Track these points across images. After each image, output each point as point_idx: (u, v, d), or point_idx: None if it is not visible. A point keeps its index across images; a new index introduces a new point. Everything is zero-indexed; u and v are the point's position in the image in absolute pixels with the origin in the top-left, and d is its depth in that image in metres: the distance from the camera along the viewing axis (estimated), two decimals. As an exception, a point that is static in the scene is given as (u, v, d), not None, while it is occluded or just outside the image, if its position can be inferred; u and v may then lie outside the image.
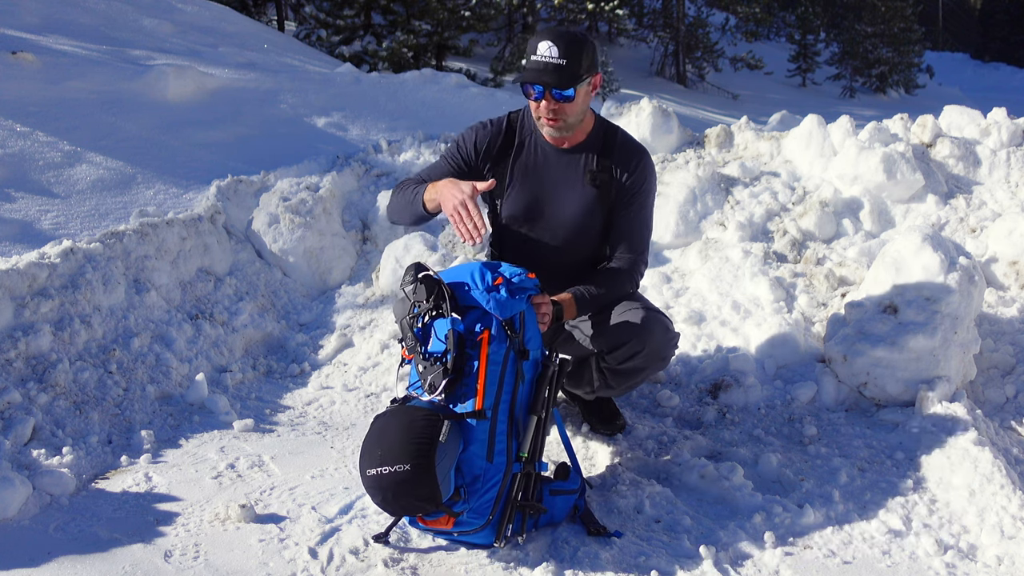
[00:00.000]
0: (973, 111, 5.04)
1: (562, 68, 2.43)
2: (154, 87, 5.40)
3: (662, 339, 2.66)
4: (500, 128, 2.71)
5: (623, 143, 2.70)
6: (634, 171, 2.66)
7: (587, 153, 2.67)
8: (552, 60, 2.43)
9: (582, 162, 2.67)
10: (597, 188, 2.66)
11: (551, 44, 2.44)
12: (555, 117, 2.52)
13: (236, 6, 13.12)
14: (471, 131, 2.75)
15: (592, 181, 2.65)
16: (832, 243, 4.13)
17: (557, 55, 2.43)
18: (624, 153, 2.68)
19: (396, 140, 5.52)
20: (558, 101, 2.49)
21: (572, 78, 2.45)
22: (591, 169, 2.66)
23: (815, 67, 22.93)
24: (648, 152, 2.75)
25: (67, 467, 2.66)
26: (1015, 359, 3.33)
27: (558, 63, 2.43)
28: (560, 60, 2.43)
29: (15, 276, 3.11)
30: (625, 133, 2.74)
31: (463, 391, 2.23)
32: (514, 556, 2.27)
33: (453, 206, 2.43)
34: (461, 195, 2.42)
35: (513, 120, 2.73)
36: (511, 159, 2.70)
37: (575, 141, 2.67)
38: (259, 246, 4.28)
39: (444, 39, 14.97)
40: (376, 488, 2.11)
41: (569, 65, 2.44)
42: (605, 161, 2.66)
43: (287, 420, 3.25)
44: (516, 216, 2.73)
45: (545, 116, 2.53)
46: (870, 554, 2.34)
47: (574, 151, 2.68)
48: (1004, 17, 32.95)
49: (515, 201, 2.72)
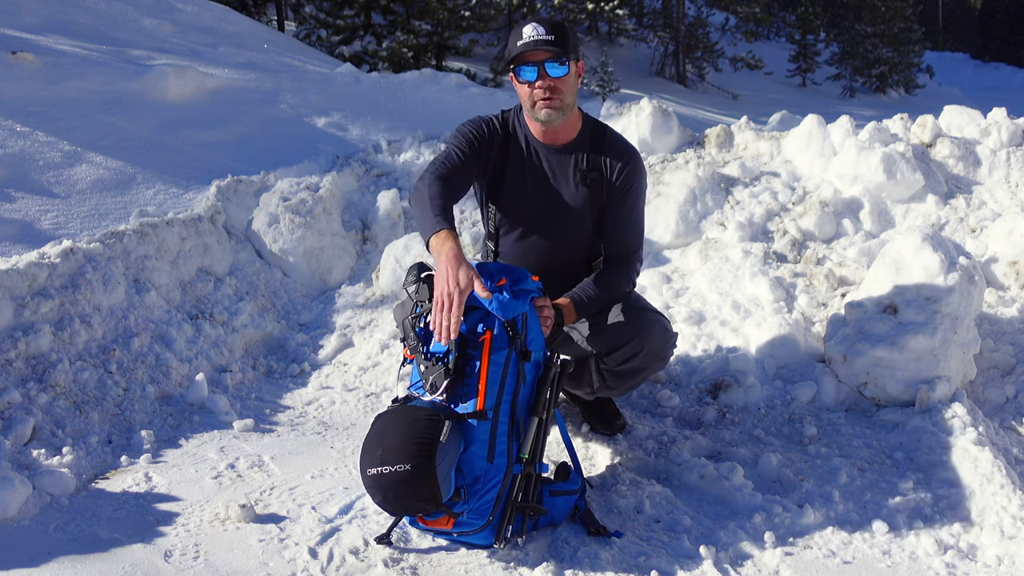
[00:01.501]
0: (973, 111, 5.04)
1: (552, 42, 2.45)
2: (154, 87, 5.40)
3: (661, 339, 2.66)
4: (495, 126, 2.70)
5: (613, 142, 2.69)
6: (624, 170, 2.65)
7: (577, 152, 2.67)
8: (542, 37, 2.45)
9: (573, 161, 2.67)
10: (588, 187, 2.66)
11: (536, 25, 2.47)
12: (551, 95, 2.51)
13: (236, 6, 13.13)
14: (476, 123, 2.69)
15: (583, 180, 2.65)
16: (832, 243, 4.13)
17: (544, 32, 2.46)
18: (614, 152, 2.67)
19: (396, 140, 5.52)
20: (553, 78, 2.49)
21: (565, 52, 2.47)
22: (582, 168, 2.66)
23: (815, 67, 22.94)
24: (637, 150, 2.74)
25: (67, 467, 2.66)
26: (1015, 359, 3.33)
27: (547, 38, 2.45)
28: (549, 36, 2.46)
29: (15, 276, 3.11)
30: (614, 132, 2.74)
31: (464, 391, 2.23)
32: (514, 556, 2.27)
33: (446, 291, 2.17)
34: (457, 286, 2.16)
35: (506, 119, 2.73)
36: (506, 158, 2.69)
37: (566, 139, 2.67)
38: (259, 246, 4.28)
39: (444, 39, 14.97)
40: (376, 487, 2.11)
41: (558, 40, 2.46)
42: (595, 160, 2.66)
43: (287, 420, 3.25)
44: (510, 216, 2.73)
45: (541, 97, 2.52)
46: (870, 554, 2.34)
47: (564, 150, 2.67)
48: (1004, 17, 32.97)
49: (509, 201, 2.72)
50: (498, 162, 2.69)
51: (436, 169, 2.49)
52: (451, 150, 2.59)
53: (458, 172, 2.53)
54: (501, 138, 2.69)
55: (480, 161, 2.64)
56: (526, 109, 2.60)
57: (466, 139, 2.62)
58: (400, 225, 4.59)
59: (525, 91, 2.55)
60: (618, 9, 17.15)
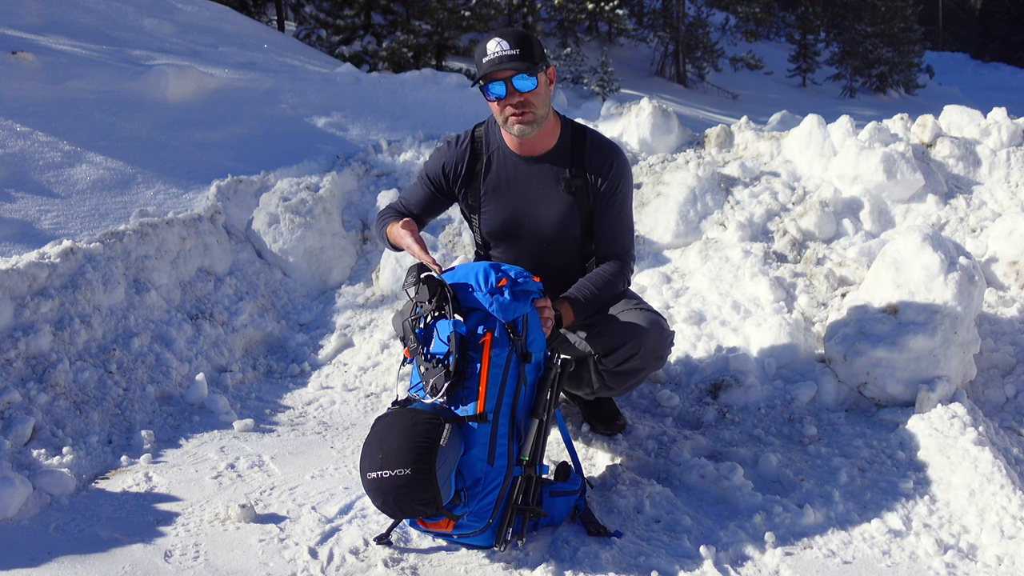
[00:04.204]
0: (973, 111, 5.04)
1: (516, 56, 2.42)
2: (154, 87, 5.40)
3: (658, 339, 2.66)
4: (465, 147, 2.69)
5: (594, 145, 2.67)
6: (608, 173, 2.63)
7: (559, 160, 2.64)
8: (505, 52, 2.42)
9: (555, 170, 2.64)
10: (574, 195, 2.64)
11: (499, 40, 2.44)
12: (522, 111, 2.49)
13: (236, 6, 13.14)
14: (438, 153, 2.74)
15: (568, 188, 2.64)
16: (832, 243, 4.13)
17: (508, 47, 2.43)
18: (597, 156, 2.65)
19: (396, 140, 5.52)
20: (522, 93, 2.46)
21: (530, 65, 2.44)
22: (565, 177, 2.63)
23: (815, 67, 22.97)
24: (620, 149, 2.71)
25: (67, 467, 2.66)
26: (1015, 359, 3.33)
27: (512, 53, 2.42)
28: (513, 50, 2.43)
29: (15, 276, 3.11)
30: (595, 133, 2.72)
31: (465, 394, 2.22)
32: (514, 556, 2.27)
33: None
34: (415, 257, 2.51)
35: (478, 136, 2.71)
36: (481, 177, 2.68)
37: (544, 148, 2.64)
38: (259, 246, 4.28)
39: (444, 39, 14.97)
40: (376, 492, 2.11)
41: (523, 54, 2.43)
42: (578, 167, 2.63)
43: (287, 420, 3.25)
44: (495, 232, 2.73)
45: (512, 114, 2.50)
46: (870, 554, 2.34)
47: (544, 159, 2.65)
48: (1004, 17, 32.98)
49: (492, 218, 2.70)
50: (474, 182, 2.69)
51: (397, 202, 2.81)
52: (416, 186, 2.81)
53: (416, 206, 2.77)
54: (473, 156, 2.68)
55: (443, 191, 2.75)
56: (500, 123, 2.58)
57: (430, 179, 2.75)
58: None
59: (496, 107, 2.53)
60: (618, 9, 17.18)
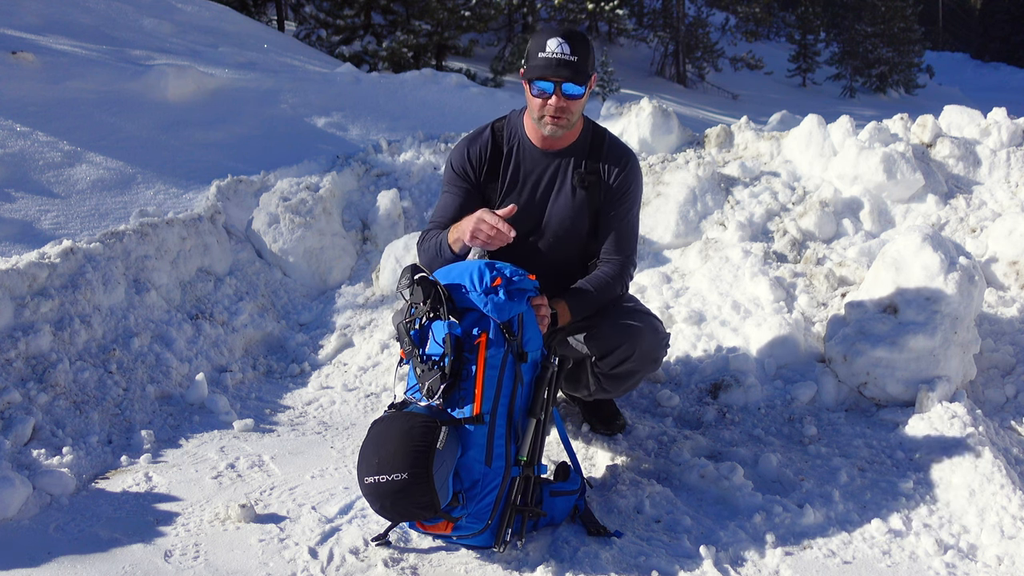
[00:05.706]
0: (973, 111, 5.04)
1: (575, 64, 2.42)
2: (154, 87, 5.40)
3: (652, 341, 2.66)
4: (487, 140, 2.70)
5: (611, 146, 2.70)
6: (621, 173, 2.66)
7: (575, 155, 2.67)
8: (565, 56, 2.41)
9: (570, 165, 2.67)
10: (586, 190, 2.66)
11: (561, 41, 2.42)
12: (560, 115, 2.50)
13: (236, 6, 13.12)
14: (460, 149, 2.74)
15: (581, 183, 2.65)
16: (832, 243, 4.13)
17: (569, 52, 2.41)
18: (612, 156, 2.67)
19: (396, 140, 5.52)
20: (567, 98, 2.47)
21: (584, 75, 2.45)
22: (580, 172, 2.65)
23: (815, 67, 22.96)
24: (635, 155, 2.75)
25: (67, 467, 2.66)
26: (1015, 359, 3.33)
27: (571, 59, 2.42)
28: (572, 57, 2.42)
29: (15, 276, 3.11)
30: (613, 136, 2.75)
31: (461, 396, 2.22)
32: (514, 556, 2.27)
33: (475, 227, 2.40)
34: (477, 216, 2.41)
35: (498, 129, 2.72)
36: (502, 168, 2.69)
37: (565, 143, 2.66)
38: (259, 246, 4.28)
39: (444, 39, 14.98)
40: (374, 496, 2.10)
41: (580, 62, 2.43)
42: (593, 164, 2.65)
43: (287, 420, 3.25)
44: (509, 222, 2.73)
45: (551, 115, 2.51)
46: (870, 554, 2.34)
47: (561, 154, 2.67)
48: (1004, 17, 32.97)
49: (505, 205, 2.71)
50: (495, 173, 2.69)
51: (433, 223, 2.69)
52: (445, 197, 2.72)
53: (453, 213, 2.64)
54: (495, 149, 2.69)
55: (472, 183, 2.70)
56: (532, 116, 2.59)
57: (457, 176, 2.70)
58: (400, 225, 4.59)
59: (536, 102, 2.53)
60: (618, 9, 17.17)
